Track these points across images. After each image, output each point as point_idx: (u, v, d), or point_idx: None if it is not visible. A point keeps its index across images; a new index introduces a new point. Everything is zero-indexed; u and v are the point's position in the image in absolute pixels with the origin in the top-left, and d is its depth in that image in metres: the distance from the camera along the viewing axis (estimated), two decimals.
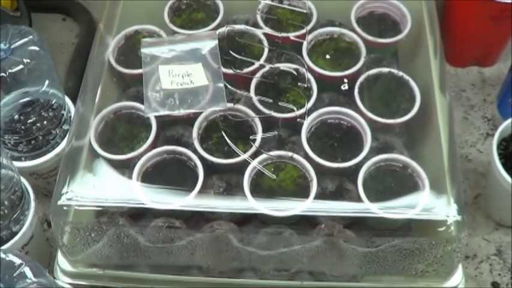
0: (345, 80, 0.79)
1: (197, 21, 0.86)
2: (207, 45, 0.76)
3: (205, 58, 0.76)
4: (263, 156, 0.73)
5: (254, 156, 0.73)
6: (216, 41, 0.76)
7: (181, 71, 0.73)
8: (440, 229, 0.67)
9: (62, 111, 0.83)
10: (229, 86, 0.76)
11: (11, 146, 0.82)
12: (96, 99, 0.79)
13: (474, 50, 0.98)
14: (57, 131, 0.83)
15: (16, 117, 0.81)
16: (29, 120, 0.81)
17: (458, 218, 0.67)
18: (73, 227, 0.70)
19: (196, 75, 0.73)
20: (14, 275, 0.56)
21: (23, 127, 0.81)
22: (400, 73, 0.80)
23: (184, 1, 0.87)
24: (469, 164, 0.91)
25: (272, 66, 0.79)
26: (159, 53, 0.77)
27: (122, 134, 0.77)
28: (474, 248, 0.85)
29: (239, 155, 0.73)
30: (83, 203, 0.70)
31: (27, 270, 0.57)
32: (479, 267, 0.83)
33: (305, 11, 0.85)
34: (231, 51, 0.75)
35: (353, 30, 0.84)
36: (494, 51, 0.99)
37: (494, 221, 0.87)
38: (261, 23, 0.84)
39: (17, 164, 0.80)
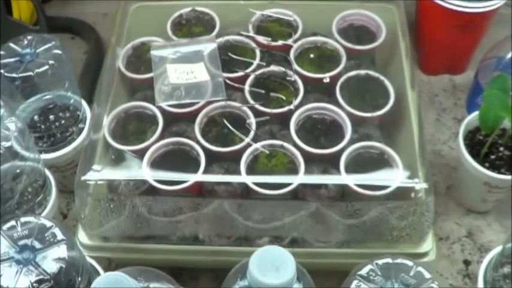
0: (327, 79, 0.90)
1: (196, 34, 0.96)
2: (207, 47, 0.88)
3: (206, 58, 0.88)
4: (257, 145, 0.84)
5: (250, 145, 0.84)
6: (215, 44, 0.88)
7: (185, 69, 0.85)
8: (410, 194, 0.78)
9: (78, 112, 0.94)
10: (228, 82, 0.87)
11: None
12: (109, 101, 0.89)
13: (444, 59, 1.09)
14: (74, 129, 0.93)
15: (36, 117, 0.92)
16: (49, 120, 0.92)
17: (425, 185, 0.78)
18: (95, 198, 0.80)
19: (199, 72, 0.84)
20: (46, 234, 0.66)
21: (43, 126, 0.91)
22: (376, 74, 0.91)
23: (184, 17, 0.99)
24: (442, 159, 1.02)
25: (264, 66, 0.90)
26: (166, 54, 0.89)
27: (132, 129, 0.87)
28: (447, 231, 0.94)
29: (236, 145, 0.84)
30: (103, 178, 0.81)
31: (57, 231, 0.66)
32: (451, 248, 0.93)
33: (291, 20, 0.96)
34: (229, 54, 0.87)
35: (335, 39, 0.95)
36: (464, 59, 1.10)
37: (465, 208, 0.96)
38: (253, 33, 0.95)
39: None
